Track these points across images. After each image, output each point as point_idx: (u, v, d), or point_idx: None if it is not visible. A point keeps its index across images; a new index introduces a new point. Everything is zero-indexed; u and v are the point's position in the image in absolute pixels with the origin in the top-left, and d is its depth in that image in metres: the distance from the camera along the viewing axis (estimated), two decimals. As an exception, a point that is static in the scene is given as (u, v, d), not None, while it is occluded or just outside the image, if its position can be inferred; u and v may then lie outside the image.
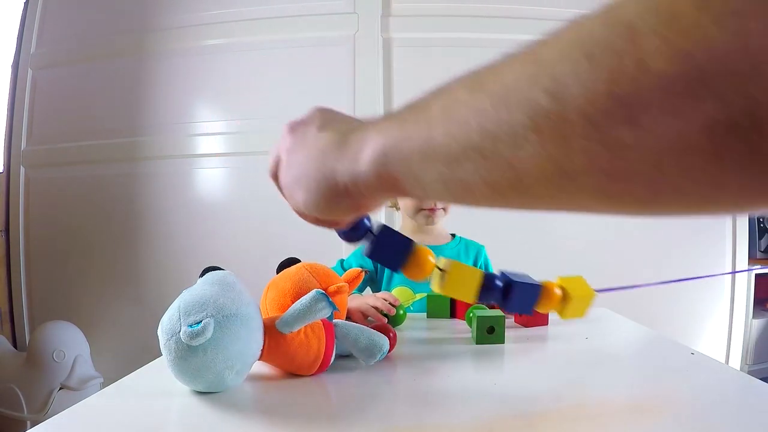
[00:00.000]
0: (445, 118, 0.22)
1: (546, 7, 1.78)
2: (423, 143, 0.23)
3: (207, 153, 1.83)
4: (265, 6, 1.80)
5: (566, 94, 0.16)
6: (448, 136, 0.21)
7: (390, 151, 0.25)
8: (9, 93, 2.00)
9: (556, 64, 0.17)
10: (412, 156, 0.24)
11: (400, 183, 0.25)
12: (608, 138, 0.16)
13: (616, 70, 0.15)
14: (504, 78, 0.19)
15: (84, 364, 1.64)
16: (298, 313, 0.48)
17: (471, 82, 0.22)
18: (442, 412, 0.42)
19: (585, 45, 0.16)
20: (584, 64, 0.16)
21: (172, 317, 0.43)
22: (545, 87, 0.17)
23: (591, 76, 0.16)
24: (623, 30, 0.15)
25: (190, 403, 0.43)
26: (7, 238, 1.98)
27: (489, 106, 0.19)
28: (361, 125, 0.29)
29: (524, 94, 0.18)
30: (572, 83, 0.16)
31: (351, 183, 0.28)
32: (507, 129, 0.18)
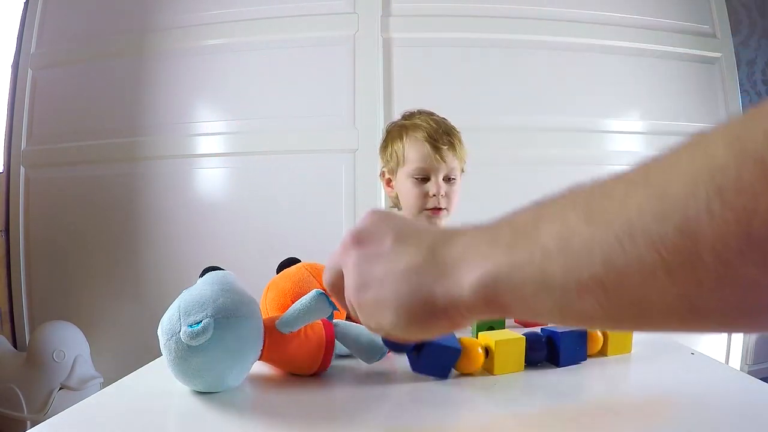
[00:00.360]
0: (562, 250, 0.21)
1: (546, 7, 1.78)
2: (538, 274, 0.23)
3: (207, 153, 1.83)
4: (265, 6, 1.80)
5: (698, 233, 0.16)
6: (568, 271, 0.21)
7: (499, 279, 0.24)
8: (9, 93, 2.00)
9: (686, 200, 0.17)
10: (525, 286, 0.23)
11: (509, 308, 0.25)
12: (741, 277, 0.16)
13: (751, 210, 0.15)
14: (626, 210, 0.19)
15: (84, 364, 1.64)
16: (298, 313, 0.48)
17: (584, 209, 0.21)
18: (442, 412, 0.42)
19: (714, 180, 0.16)
20: (716, 202, 0.16)
21: (172, 317, 0.43)
22: (676, 225, 0.17)
23: (724, 216, 0.15)
24: (755, 167, 0.15)
25: (190, 403, 0.43)
26: (7, 238, 1.97)
27: (614, 240, 0.19)
28: (447, 239, 0.29)
29: (653, 230, 0.17)
30: (705, 222, 0.16)
31: (451, 306, 0.27)
32: (635, 266, 0.18)
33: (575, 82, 1.79)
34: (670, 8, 1.86)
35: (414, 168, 0.99)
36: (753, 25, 2.31)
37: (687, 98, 1.85)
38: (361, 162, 1.75)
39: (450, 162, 0.99)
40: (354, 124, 1.76)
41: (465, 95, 1.77)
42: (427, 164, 0.98)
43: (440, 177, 0.99)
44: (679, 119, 1.84)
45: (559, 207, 0.23)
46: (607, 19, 1.81)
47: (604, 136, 1.79)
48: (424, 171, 0.98)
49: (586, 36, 1.79)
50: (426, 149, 0.97)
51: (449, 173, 1.00)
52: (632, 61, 1.82)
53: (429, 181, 0.99)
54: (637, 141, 1.81)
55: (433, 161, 0.97)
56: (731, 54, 1.88)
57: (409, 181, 1.00)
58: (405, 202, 1.03)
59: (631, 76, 1.83)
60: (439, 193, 0.98)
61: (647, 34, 1.82)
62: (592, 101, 1.80)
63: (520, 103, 1.78)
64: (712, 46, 1.87)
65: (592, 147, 1.79)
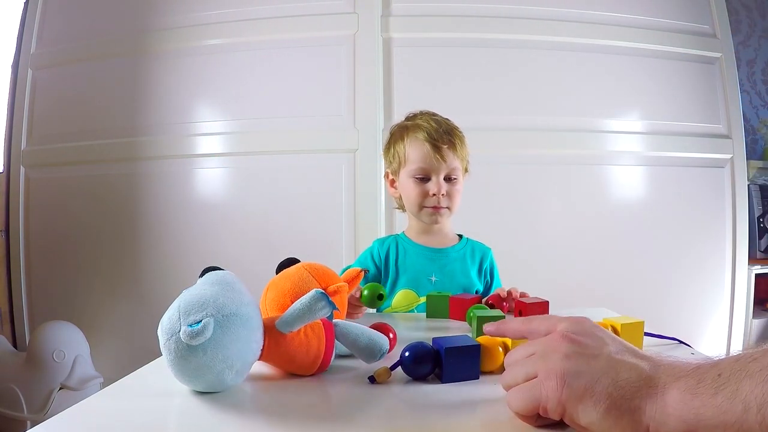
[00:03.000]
0: (761, 409, 0.27)
1: (546, 7, 1.78)
2: (736, 424, 0.28)
3: (207, 153, 1.83)
4: (264, 6, 1.80)
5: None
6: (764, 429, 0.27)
7: (701, 418, 0.30)
8: (9, 93, 2.00)
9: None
10: (723, 431, 0.29)
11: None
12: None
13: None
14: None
15: (84, 364, 1.64)
16: (297, 313, 0.48)
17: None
18: (442, 412, 0.42)
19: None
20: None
21: (172, 317, 0.43)
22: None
23: None
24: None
25: (190, 403, 0.43)
26: (7, 238, 1.98)
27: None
28: (660, 364, 0.34)
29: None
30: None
31: (653, 426, 0.32)
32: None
33: (575, 82, 1.79)
34: (670, 8, 1.86)
35: (415, 168, 0.99)
36: (753, 25, 2.31)
37: (687, 98, 1.85)
38: (361, 162, 1.75)
39: (451, 162, 0.99)
40: (354, 124, 1.76)
41: (465, 95, 1.77)
42: (427, 164, 0.98)
43: (441, 176, 0.99)
44: (679, 119, 1.84)
45: (760, 366, 0.28)
46: (607, 19, 1.81)
47: (604, 136, 1.79)
48: (425, 171, 0.99)
49: (586, 36, 1.79)
50: (426, 149, 0.98)
51: (450, 173, 1.00)
52: (632, 61, 1.82)
53: (430, 181, 0.99)
54: (637, 141, 1.81)
55: (433, 161, 0.97)
56: (731, 54, 1.88)
57: (410, 181, 1.00)
58: (407, 201, 1.03)
59: (631, 76, 1.83)
60: (439, 192, 0.98)
61: (647, 34, 1.82)
62: (592, 101, 1.80)
63: (520, 103, 1.78)
64: (712, 46, 1.87)
65: (592, 147, 1.79)
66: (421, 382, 0.49)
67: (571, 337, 0.38)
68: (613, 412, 0.33)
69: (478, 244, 1.09)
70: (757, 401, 0.28)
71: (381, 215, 1.76)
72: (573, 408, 0.35)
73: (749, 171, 1.94)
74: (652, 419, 0.32)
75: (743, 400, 0.28)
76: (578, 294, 1.73)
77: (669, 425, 0.31)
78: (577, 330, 0.39)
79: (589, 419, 0.34)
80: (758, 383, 0.28)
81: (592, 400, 0.34)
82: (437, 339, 0.50)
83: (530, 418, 0.39)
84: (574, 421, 0.35)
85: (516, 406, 0.39)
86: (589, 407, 0.34)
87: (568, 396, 0.35)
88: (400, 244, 1.06)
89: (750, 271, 1.86)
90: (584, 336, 0.38)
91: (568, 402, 0.35)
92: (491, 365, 0.51)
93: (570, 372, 0.36)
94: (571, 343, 0.37)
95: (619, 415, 0.33)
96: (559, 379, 0.36)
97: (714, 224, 1.85)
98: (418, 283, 1.00)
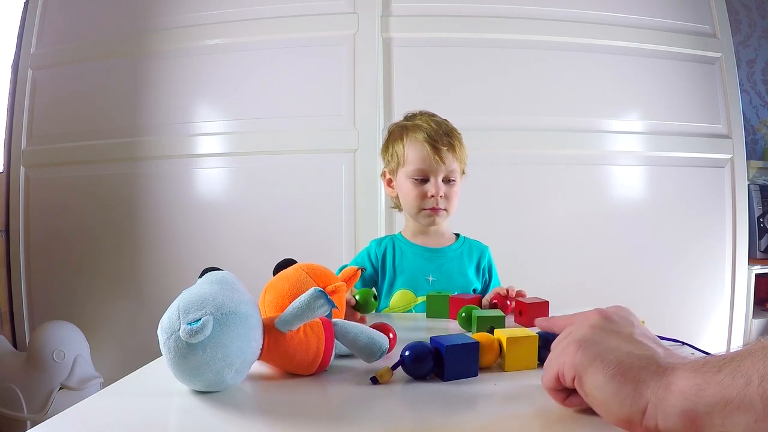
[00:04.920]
0: (762, 381, 0.28)
1: (546, 7, 1.78)
2: (738, 396, 0.29)
3: (207, 153, 1.83)
4: (264, 6, 1.80)
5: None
6: (765, 398, 0.28)
7: (702, 391, 0.31)
8: (9, 93, 2.00)
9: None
10: (726, 403, 0.29)
11: (702, 419, 0.30)
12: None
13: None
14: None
15: (84, 364, 1.64)
16: (297, 311, 0.48)
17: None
18: (442, 412, 0.42)
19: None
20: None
21: (172, 316, 0.44)
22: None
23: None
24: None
25: (190, 403, 0.43)
26: (7, 238, 1.98)
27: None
28: (672, 356, 0.36)
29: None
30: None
31: (654, 397, 0.33)
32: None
33: (575, 82, 1.79)
34: (670, 8, 1.86)
35: (413, 169, 0.99)
36: (753, 25, 2.31)
37: (687, 98, 1.85)
38: (361, 162, 1.75)
39: (449, 164, 0.99)
40: (354, 124, 1.76)
41: (465, 95, 1.77)
42: (426, 165, 0.98)
43: (440, 178, 0.99)
44: (679, 119, 1.84)
45: (762, 345, 0.29)
46: (607, 19, 1.81)
47: (604, 136, 1.79)
48: (424, 172, 0.98)
49: (586, 36, 1.79)
50: (426, 150, 0.97)
51: (449, 175, 1.00)
52: (632, 61, 1.82)
53: (428, 182, 0.99)
54: (637, 141, 1.81)
55: (432, 162, 0.97)
56: (731, 54, 1.88)
57: (408, 182, 1.00)
58: (405, 203, 1.03)
59: (631, 76, 1.83)
60: (438, 194, 0.98)
61: (647, 34, 1.82)
62: (592, 101, 1.80)
63: (520, 103, 1.78)
64: (712, 46, 1.87)
65: (592, 147, 1.79)
66: (421, 381, 0.49)
67: (603, 313, 0.41)
68: (618, 378, 0.35)
69: (476, 242, 1.08)
70: (758, 374, 0.28)
71: (381, 215, 1.76)
72: (583, 370, 0.37)
73: (749, 171, 1.94)
74: (653, 394, 0.33)
75: (745, 374, 0.29)
76: (578, 294, 1.73)
77: (669, 401, 0.32)
78: (613, 310, 0.42)
79: (595, 382, 0.36)
80: (760, 358, 0.29)
81: (602, 364, 0.36)
82: (435, 338, 0.50)
83: (558, 393, 0.41)
84: (582, 386, 0.37)
85: (543, 380, 0.42)
86: (598, 371, 0.36)
87: (581, 359, 0.37)
88: (397, 244, 1.06)
89: (750, 271, 1.86)
90: (616, 315, 0.41)
91: (581, 365, 0.37)
92: (486, 361, 0.52)
93: (588, 339, 0.38)
94: (601, 316, 0.41)
95: (623, 382, 0.34)
96: (577, 344, 0.38)
97: (714, 224, 1.85)
98: (416, 283, 1.00)
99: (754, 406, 0.28)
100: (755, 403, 0.28)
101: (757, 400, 0.28)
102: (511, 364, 0.52)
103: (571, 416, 0.41)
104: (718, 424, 0.30)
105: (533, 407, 0.43)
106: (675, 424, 0.32)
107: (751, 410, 0.28)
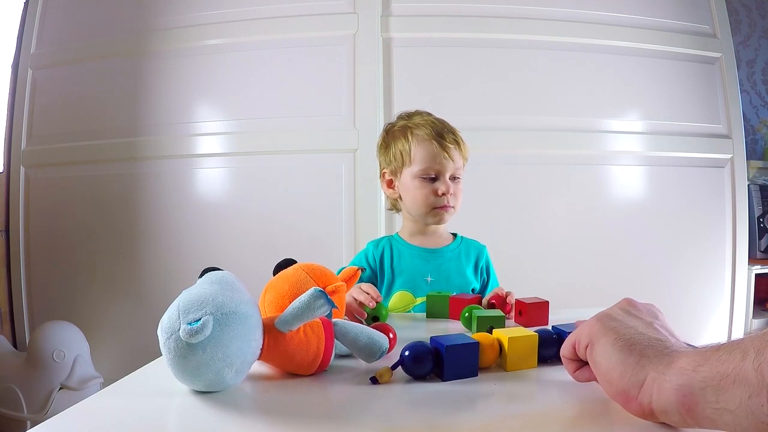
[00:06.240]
0: (758, 354, 0.28)
1: (546, 7, 1.78)
2: (734, 369, 0.29)
3: (207, 153, 1.83)
4: (264, 6, 1.80)
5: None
6: (759, 372, 0.28)
7: (700, 366, 0.31)
8: (9, 93, 2.00)
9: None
10: (722, 377, 0.30)
11: (696, 397, 0.31)
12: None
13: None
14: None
15: (84, 364, 1.64)
16: (297, 311, 0.48)
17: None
18: (441, 412, 0.42)
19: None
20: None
21: (172, 316, 0.44)
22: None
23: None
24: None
25: (190, 403, 0.43)
26: (7, 238, 1.98)
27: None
28: (682, 347, 0.37)
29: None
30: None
31: (653, 371, 0.34)
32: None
33: (575, 82, 1.79)
34: (670, 8, 1.86)
35: (422, 168, 0.98)
36: (753, 25, 2.31)
37: (687, 98, 1.85)
38: (361, 162, 1.75)
39: (456, 160, 0.99)
40: (354, 124, 1.76)
41: (465, 95, 1.77)
42: (436, 163, 0.97)
43: (448, 176, 0.98)
44: (679, 119, 1.84)
45: (762, 328, 0.29)
46: (607, 19, 1.81)
47: (604, 136, 1.79)
48: (433, 170, 0.98)
49: (586, 36, 1.79)
50: (434, 148, 0.97)
51: (455, 172, 1.00)
52: (632, 61, 1.82)
53: (437, 180, 0.98)
54: (637, 141, 1.81)
55: (442, 160, 0.97)
56: (731, 54, 1.88)
57: (416, 181, 0.99)
58: (412, 202, 1.01)
59: (631, 76, 1.83)
60: (448, 191, 0.98)
61: (647, 34, 1.82)
62: (592, 101, 1.80)
63: (520, 103, 1.78)
64: (712, 46, 1.87)
65: (592, 147, 1.79)
66: (421, 381, 0.49)
67: (631, 300, 0.43)
68: (626, 350, 0.37)
69: (473, 242, 1.08)
70: (755, 347, 0.28)
71: (381, 215, 1.76)
72: (596, 339, 0.39)
73: (749, 171, 1.94)
74: (654, 369, 0.34)
75: (743, 349, 0.29)
76: (578, 294, 1.73)
77: (666, 377, 0.33)
78: (642, 302, 0.43)
79: (604, 350, 0.38)
80: (759, 336, 0.29)
81: (614, 335, 0.38)
82: (435, 338, 0.50)
83: (571, 363, 0.44)
84: (593, 353, 0.39)
85: (562, 348, 0.45)
86: (609, 341, 0.38)
87: (597, 329, 0.40)
88: (395, 245, 1.05)
89: (750, 271, 1.86)
90: (642, 305, 0.43)
91: (596, 334, 0.40)
92: (486, 361, 0.52)
93: (609, 315, 0.41)
94: (627, 302, 0.43)
95: (629, 354, 0.36)
96: (598, 318, 0.41)
97: (714, 224, 1.85)
98: (414, 284, 1.00)
99: (748, 380, 0.27)
100: (750, 377, 0.27)
101: (752, 374, 0.27)
102: (513, 364, 0.52)
103: (571, 416, 0.41)
104: (712, 401, 0.29)
105: (533, 407, 0.43)
106: (668, 401, 0.32)
107: (746, 385, 0.27)
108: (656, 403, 0.33)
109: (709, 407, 0.30)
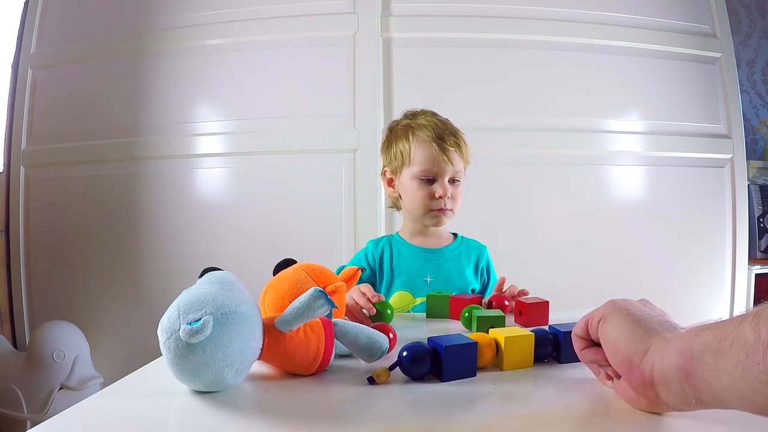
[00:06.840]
0: (758, 318, 0.29)
1: (546, 7, 1.78)
2: (734, 333, 0.30)
3: (207, 153, 1.83)
4: (264, 6, 1.80)
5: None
6: (757, 332, 0.28)
7: (702, 333, 0.33)
8: (9, 93, 2.00)
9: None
10: (721, 340, 0.30)
11: (693, 363, 0.32)
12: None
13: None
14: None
15: (84, 364, 1.64)
16: (297, 311, 0.48)
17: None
18: (441, 412, 0.42)
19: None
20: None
21: (172, 316, 0.44)
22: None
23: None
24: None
25: (190, 403, 0.43)
26: (7, 238, 1.98)
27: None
28: (681, 331, 0.37)
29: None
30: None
31: (654, 346, 0.36)
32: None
33: (575, 82, 1.79)
34: (670, 8, 1.86)
35: (421, 169, 0.97)
36: (753, 25, 2.31)
37: (687, 98, 1.85)
38: (361, 162, 1.75)
39: (456, 164, 0.98)
40: (354, 124, 1.76)
41: (465, 95, 1.77)
42: (434, 166, 0.96)
43: (446, 179, 0.98)
44: (679, 119, 1.84)
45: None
46: (606, 19, 1.81)
47: (604, 136, 1.79)
48: (431, 172, 0.97)
49: (586, 36, 1.79)
50: (434, 150, 0.96)
51: (455, 175, 0.99)
52: (632, 61, 1.82)
53: (435, 183, 0.98)
54: (637, 141, 1.81)
55: (441, 163, 0.96)
56: (731, 54, 1.88)
57: (414, 182, 0.98)
58: (410, 203, 1.01)
59: (631, 76, 1.83)
60: (445, 194, 0.97)
61: (647, 34, 1.82)
62: (592, 101, 1.80)
63: (520, 103, 1.78)
64: (712, 46, 1.87)
65: (592, 147, 1.79)
66: (420, 381, 0.49)
67: (646, 301, 0.44)
68: (635, 322, 0.39)
69: (473, 242, 1.08)
70: (754, 312, 0.29)
71: (381, 215, 1.76)
72: (609, 315, 0.41)
73: (749, 171, 1.94)
74: (659, 339, 0.36)
75: (743, 315, 0.30)
76: (578, 294, 1.73)
77: (669, 344, 0.34)
78: (654, 305, 0.45)
79: (614, 322, 0.40)
80: (760, 308, 0.29)
81: (626, 312, 0.40)
82: (433, 338, 0.50)
83: (579, 341, 0.45)
84: (604, 327, 0.41)
85: (574, 327, 0.46)
86: (621, 317, 0.40)
87: (610, 307, 0.42)
88: (394, 245, 1.05)
89: (750, 271, 1.86)
90: (653, 305, 0.44)
91: (608, 311, 0.41)
92: (484, 361, 0.52)
93: (623, 300, 0.43)
94: (643, 302, 0.44)
95: (638, 325, 0.38)
96: (613, 301, 0.43)
97: (714, 224, 1.85)
98: (414, 284, 0.99)
99: (746, 339, 0.28)
100: (747, 336, 0.28)
101: (750, 334, 0.28)
102: (509, 363, 0.53)
103: (570, 416, 0.41)
104: (710, 363, 0.30)
105: (532, 408, 0.44)
106: (669, 367, 0.33)
107: (743, 345, 0.28)
108: (657, 372, 0.34)
109: (708, 369, 0.30)
